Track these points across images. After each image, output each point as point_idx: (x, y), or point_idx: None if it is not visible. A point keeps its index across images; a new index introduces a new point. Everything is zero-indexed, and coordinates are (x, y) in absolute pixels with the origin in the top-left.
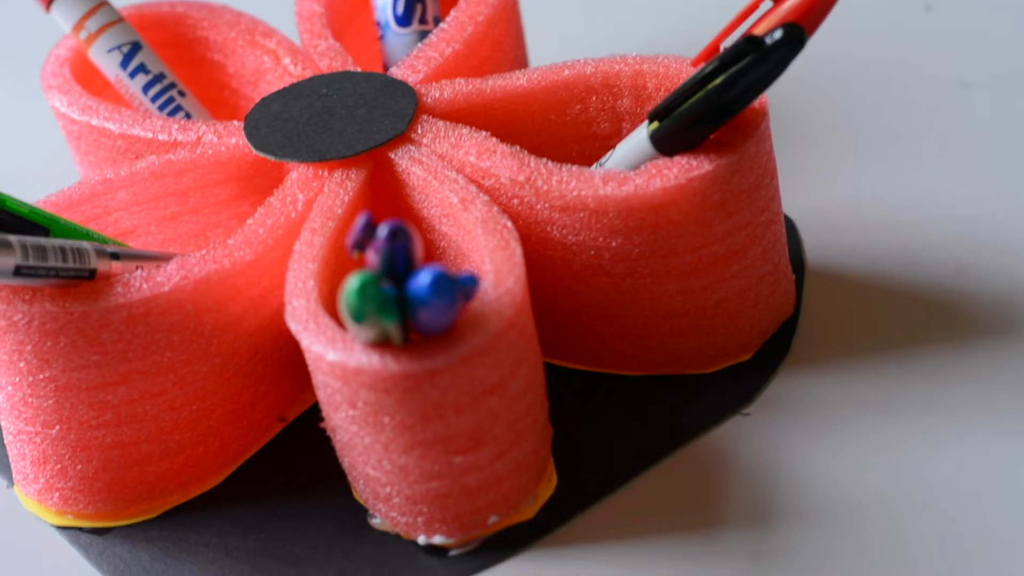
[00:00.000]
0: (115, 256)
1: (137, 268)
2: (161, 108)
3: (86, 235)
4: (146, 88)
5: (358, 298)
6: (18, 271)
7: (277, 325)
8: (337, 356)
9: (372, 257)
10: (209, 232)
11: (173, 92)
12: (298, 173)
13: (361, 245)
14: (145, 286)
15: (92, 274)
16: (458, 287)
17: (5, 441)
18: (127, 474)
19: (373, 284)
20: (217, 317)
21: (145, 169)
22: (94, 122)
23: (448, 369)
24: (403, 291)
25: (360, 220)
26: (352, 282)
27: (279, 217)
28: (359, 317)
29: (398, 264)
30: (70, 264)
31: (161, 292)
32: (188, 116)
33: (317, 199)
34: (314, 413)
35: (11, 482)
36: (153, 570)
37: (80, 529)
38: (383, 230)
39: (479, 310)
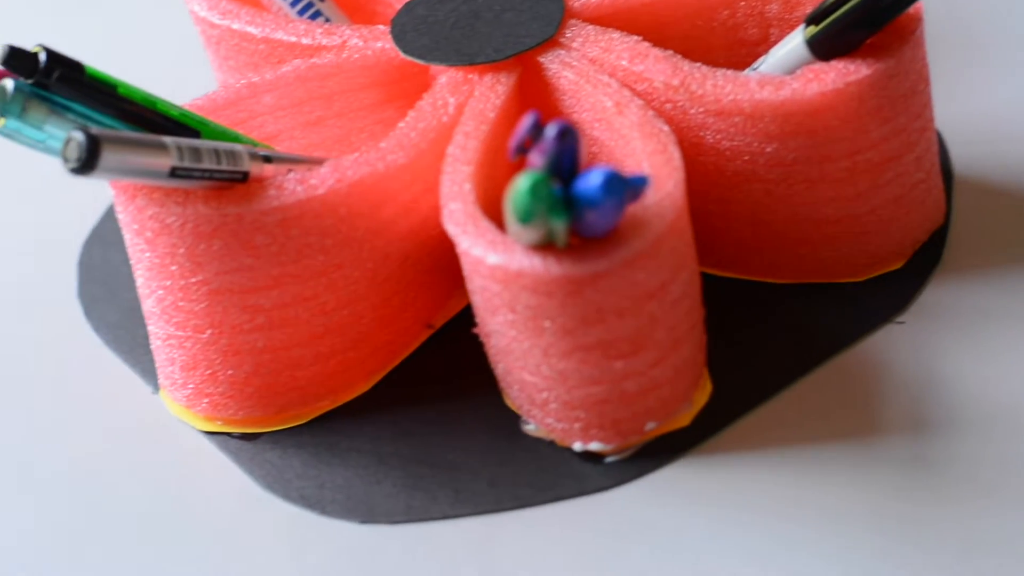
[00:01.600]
0: (267, 159)
1: (289, 171)
2: (300, 13)
3: (235, 139)
4: None
5: (529, 197)
6: (173, 172)
7: (427, 230)
8: (498, 259)
9: (536, 158)
10: (353, 137)
11: None
12: (448, 77)
13: (523, 147)
14: (299, 189)
15: (245, 176)
16: (628, 187)
17: (152, 346)
18: (277, 379)
19: (544, 183)
20: (369, 221)
21: (291, 73)
22: (235, 26)
23: (611, 272)
24: (569, 192)
25: (527, 120)
26: (523, 181)
27: (431, 121)
28: (528, 217)
29: (564, 165)
30: (224, 166)
31: (316, 195)
32: (327, 21)
33: (468, 103)
34: (460, 321)
35: (156, 388)
36: (305, 475)
37: (229, 435)
38: (551, 130)
39: (640, 214)
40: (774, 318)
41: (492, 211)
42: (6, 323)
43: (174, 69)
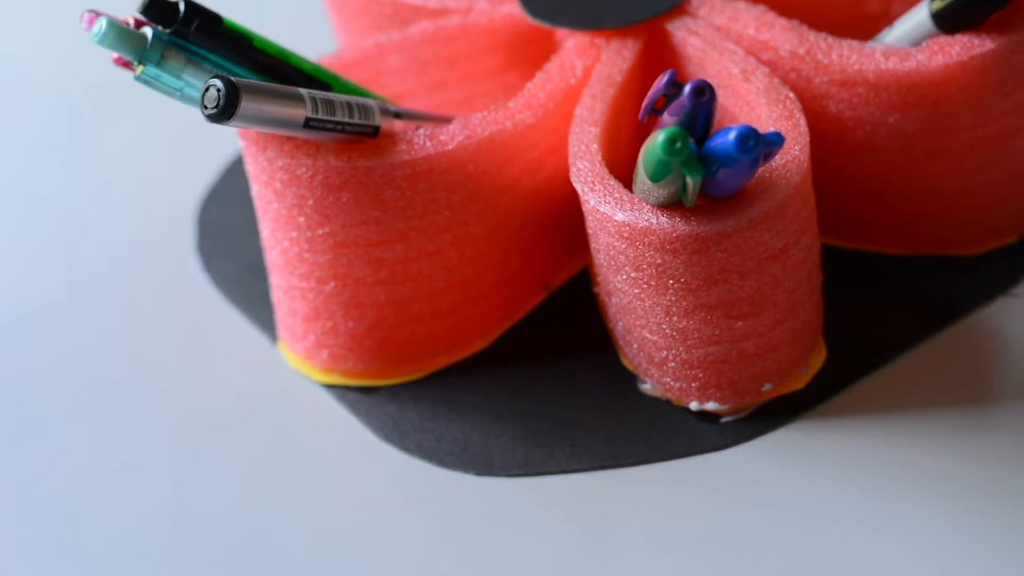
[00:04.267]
0: (397, 115)
1: (417, 128)
2: None
3: (365, 95)
4: None
5: (666, 152)
6: (307, 123)
7: (549, 191)
8: (625, 216)
9: (668, 119)
10: (475, 100)
11: None
12: (575, 41)
13: (654, 108)
14: (429, 144)
15: (376, 131)
16: (763, 145)
17: (273, 298)
18: (397, 333)
19: (683, 138)
20: (495, 179)
21: (418, 34)
22: None
23: (737, 232)
24: (703, 150)
25: (665, 76)
26: (659, 136)
27: (558, 83)
28: (662, 173)
29: (698, 123)
30: (356, 120)
31: (445, 151)
32: None
33: (595, 67)
34: (576, 282)
35: (275, 340)
36: (423, 428)
37: (347, 387)
38: (688, 87)
39: (766, 176)
40: (889, 288)
41: (614, 174)
42: (126, 278)
43: (293, 29)
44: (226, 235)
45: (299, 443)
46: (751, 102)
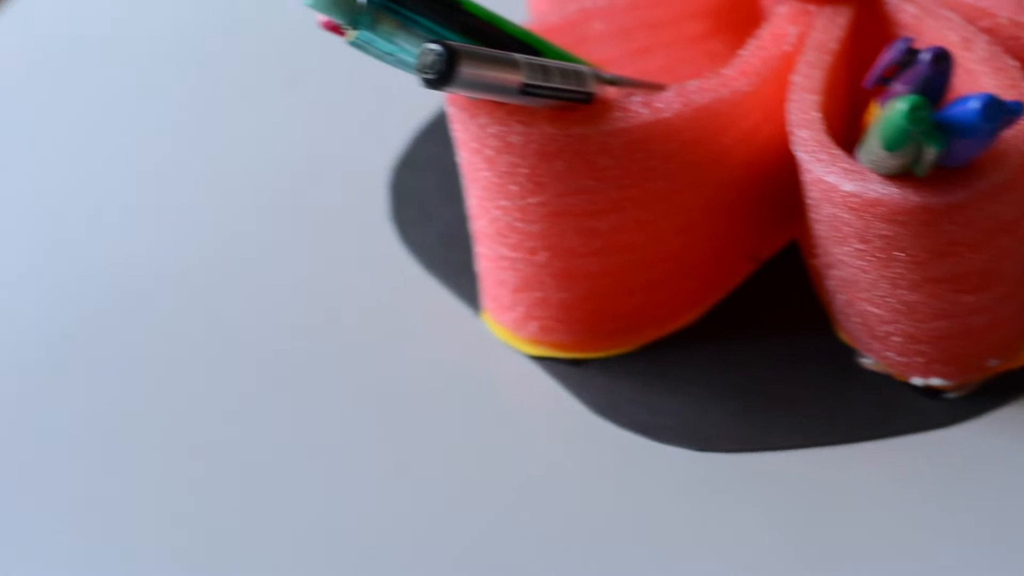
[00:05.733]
0: (611, 82)
1: (630, 95)
2: None
3: (575, 61)
4: None
5: (905, 121)
6: (523, 89)
7: (762, 160)
8: (853, 187)
9: (901, 87)
10: (677, 67)
11: None
12: (787, 7)
13: (884, 76)
14: (645, 111)
15: (589, 98)
16: (1006, 113)
17: (480, 268)
18: (608, 305)
19: (924, 107)
20: (710, 148)
21: (622, 0)
22: None
23: (969, 204)
24: (940, 118)
25: (900, 44)
26: (899, 104)
27: (772, 50)
28: (900, 143)
29: (934, 92)
30: (571, 86)
31: (662, 118)
32: None
33: (808, 34)
34: (785, 255)
35: (478, 311)
36: (637, 401)
37: (556, 360)
38: (928, 53)
39: (997, 146)
40: None
41: None
42: (322, 246)
43: None
44: (421, 203)
45: (509, 415)
46: (972, 71)
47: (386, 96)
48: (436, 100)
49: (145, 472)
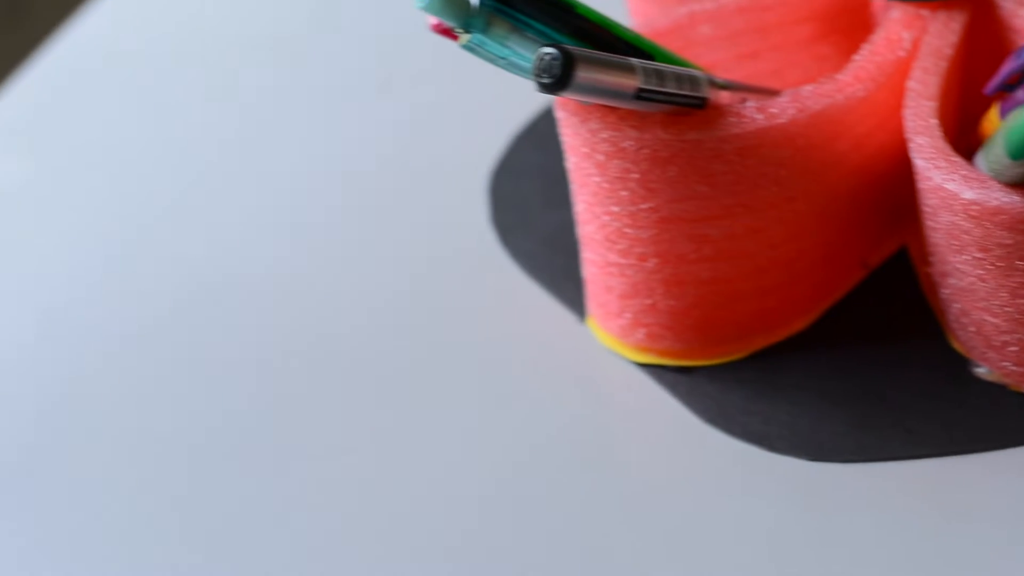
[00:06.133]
0: (724, 87)
1: (743, 100)
2: None
3: (687, 65)
4: None
5: None
6: (638, 95)
7: (874, 167)
8: (974, 194)
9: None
10: (785, 71)
11: None
12: (900, 12)
13: (1007, 84)
14: (760, 117)
15: (703, 103)
16: None
17: (586, 274)
18: (717, 312)
19: None
20: (823, 154)
21: (731, 3)
22: None
23: None
24: None
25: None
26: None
27: (886, 55)
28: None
29: None
30: (685, 91)
31: (776, 124)
32: None
33: (922, 40)
34: (894, 261)
35: (582, 317)
36: (748, 410)
37: (664, 367)
38: None
39: None
40: None
41: None
42: (424, 250)
43: None
44: (521, 208)
45: (617, 423)
46: None
47: (482, 100)
48: (533, 104)
49: (263, 476)
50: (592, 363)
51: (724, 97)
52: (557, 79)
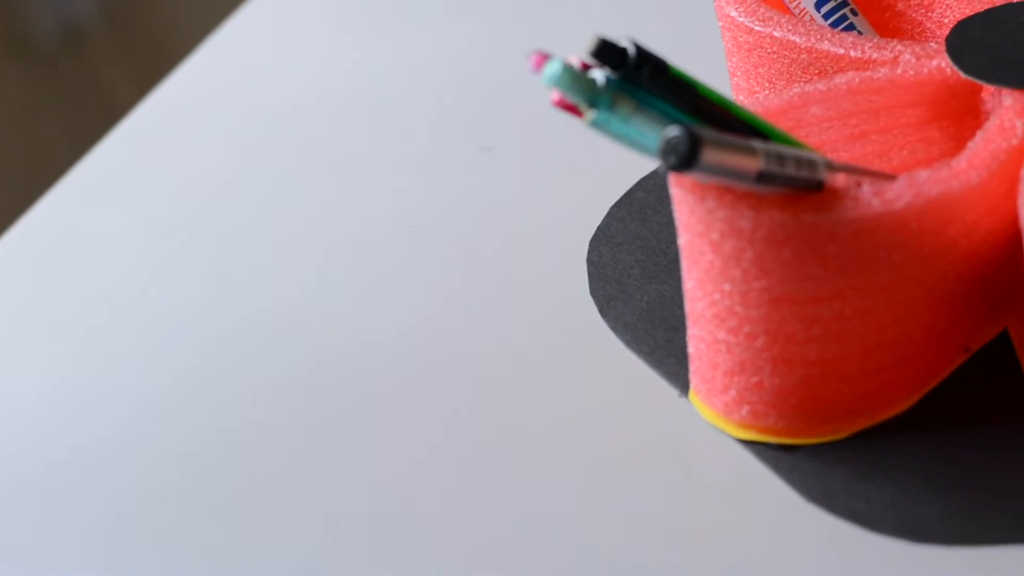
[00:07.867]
0: (840, 169)
1: (858, 183)
2: (833, 25)
3: (800, 147)
4: (819, 3)
5: None
6: (760, 176)
7: (982, 252)
8: None
9: None
10: (892, 154)
11: (846, 10)
12: (1013, 99)
13: None
14: (875, 201)
15: (819, 185)
16: None
17: (692, 350)
18: (822, 392)
19: None
20: (936, 239)
21: (843, 85)
22: (776, 34)
23: None
24: None
25: None
26: None
27: (999, 142)
28: None
29: None
30: (803, 173)
31: (892, 209)
32: (859, 34)
33: None
34: (995, 344)
35: (683, 392)
36: (850, 490)
37: (766, 444)
38: None
39: None
40: None
41: None
42: (523, 319)
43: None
44: (620, 279)
45: (718, 498)
46: None
47: (579, 170)
48: (629, 175)
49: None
50: (693, 438)
51: (839, 180)
52: (683, 159)
